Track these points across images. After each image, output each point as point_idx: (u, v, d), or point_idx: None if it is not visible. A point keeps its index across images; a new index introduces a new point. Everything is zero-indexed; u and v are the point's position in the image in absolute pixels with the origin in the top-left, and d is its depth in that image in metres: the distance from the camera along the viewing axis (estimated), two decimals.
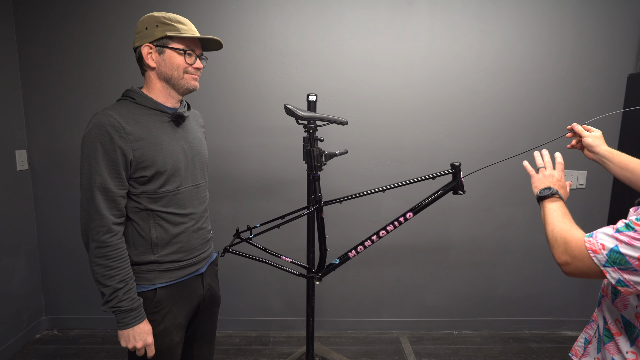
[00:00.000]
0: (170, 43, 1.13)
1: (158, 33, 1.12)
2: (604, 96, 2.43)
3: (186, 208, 1.21)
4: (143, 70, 1.18)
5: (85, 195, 1.07)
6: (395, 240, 2.52)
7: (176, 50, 1.14)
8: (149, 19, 1.13)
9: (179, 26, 1.14)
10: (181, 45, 1.15)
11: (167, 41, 1.13)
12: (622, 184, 1.13)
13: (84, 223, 1.08)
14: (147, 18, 1.14)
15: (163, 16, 1.13)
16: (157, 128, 1.15)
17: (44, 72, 2.34)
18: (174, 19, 1.14)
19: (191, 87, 1.20)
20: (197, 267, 1.27)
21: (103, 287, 1.08)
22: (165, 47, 1.13)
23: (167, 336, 1.19)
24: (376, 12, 2.33)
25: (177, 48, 1.14)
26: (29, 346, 2.39)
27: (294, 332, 2.60)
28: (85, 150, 1.06)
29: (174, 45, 1.14)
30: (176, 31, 1.13)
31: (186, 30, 1.15)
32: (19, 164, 2.34)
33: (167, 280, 1.19)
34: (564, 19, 2.36)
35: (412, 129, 2.44)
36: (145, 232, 1.15)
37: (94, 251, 1.07)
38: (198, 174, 1.27)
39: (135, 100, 1.15)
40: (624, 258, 0.74)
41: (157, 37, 1.12)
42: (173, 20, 1.13)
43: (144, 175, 1.11)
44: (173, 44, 1.14)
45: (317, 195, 1.75)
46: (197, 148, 1.27)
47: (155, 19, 1.12)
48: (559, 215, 0.93)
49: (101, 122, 1.05)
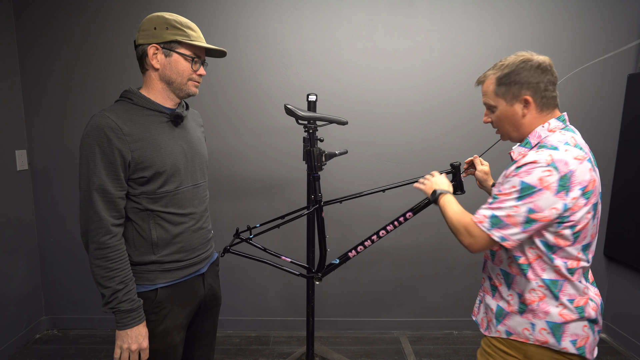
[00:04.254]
0: (178, 48, 1.13)
1: (168, 36, 1.11)
2: (604, 96, 2.43)
3: (186, 208, 1.21)
4: (143, 68, 1.17)
5: (84, 197, 1.07)
6: (395, 240, 2.52)
7: (184, 56, 1.14)
8: (159, 19, 1.12)
9: (189, 32, 1.14)
10: (189, 52, 1.15)
11: (176, 45, 1.13)
12: (622, 184, 1.27)
13: (84, 225, 1.08)
14: (156, 18, 1.12)
15: (174, 19, 1.12)
16: (156, 128, 1.15)
17: (44, 72, 2.34)
18: (185, 24, 1.14)
19: (192, 93, 1.21)
20: (198, 267, 1.27)
21: (103, 288, 1.08)
22: (173, 50, 1.13)
23: (168, 336, 1.19)
24: (376, 12, 2.33)
25: (185, 54, 1.14)
26: (29, 346, 2.39)
27: (294, 332, 2.60)
28: (84, 152, 1.06)
29: (182, 51, 1.14)
30: (186, 37, 1.13)
31: (196, 37, 1.15)
32: (19, 164, 2.34)
33: (168, 280, 1.19)
34: (564, 19, 2.36)
35: (412, 129, 2.44)
36: (146, 233, 1.15)
37: (93, 252, 1.07)
38: (198, 173, 1.27)
39: (133, 101, 1.14)
40: (498, 219, 0.99)
41: (167, 39, 1.11)
42: (184, 25, 1.13)
43: (143, 176, 1.11)
44: (181, 49, 1.14)
45: (317, 195, 1.75)
46: (197, 147, 1.27)
47: (166, 21, 1.12)
48: (450, 206, 1.15)
49: (99, 124, 1.05)
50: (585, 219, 0.98)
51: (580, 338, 1.02)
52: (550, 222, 0.97)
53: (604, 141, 2.46)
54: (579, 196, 0.95)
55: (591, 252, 1.05)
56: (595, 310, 1.04)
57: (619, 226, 2.42)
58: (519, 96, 1.04)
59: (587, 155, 0.99)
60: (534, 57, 1.04)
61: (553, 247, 1.00)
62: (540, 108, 1.04)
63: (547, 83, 1.03)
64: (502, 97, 1.07)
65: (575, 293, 1.02)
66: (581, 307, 1.01)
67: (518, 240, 0.99)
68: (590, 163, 0.99)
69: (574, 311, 1.01)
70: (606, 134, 2.46)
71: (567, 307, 1.01)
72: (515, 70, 1.04)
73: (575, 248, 1.00)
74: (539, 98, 1.03)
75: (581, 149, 0.99)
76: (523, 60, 1.04)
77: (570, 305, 1.01)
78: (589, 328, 1.03)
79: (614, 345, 2.50)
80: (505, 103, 1.07)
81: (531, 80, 1.02)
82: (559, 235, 0.98)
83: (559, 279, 1.01)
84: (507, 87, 1.06)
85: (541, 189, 0.94)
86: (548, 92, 1.03)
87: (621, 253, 2.42)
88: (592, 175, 0.97)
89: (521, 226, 0.97)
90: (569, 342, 1.01)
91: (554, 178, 0.94)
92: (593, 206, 1.00)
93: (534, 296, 1.04)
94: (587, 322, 1.03)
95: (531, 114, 1.05)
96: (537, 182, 0.94)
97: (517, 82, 1.04)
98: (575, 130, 1.07)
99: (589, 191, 0.97)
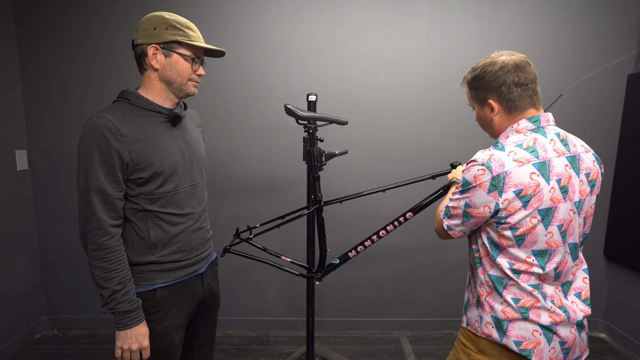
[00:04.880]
0: (178, 48, 1.13)
1: (167, 36, 1.11)
2: (604, 96, 2.43)
3: (184, 208, 1.21)
4: (142, 68, 1.16)
5: (82, 198, 1.07)
6: (395, 240, 2.52)
7: (184, 56, 1.14)
8: (159, 19, 1.12)
9: (188, 32, 1.14)
10: (189, 52, 1.15)
11: (176, 46, 1.13)
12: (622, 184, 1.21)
13: (82, 226, 1.08)
14: (156, 18, 1.12)
15: (174, 19, 1.12)
16: (154, 129, 1.14)
17: (44, 73, 2.34)
18: (185, 24, 1.14)
19: (191, 93, 1.21)
20: (196, 267, 1.27)
21: (102, 289, 1.08)
22: (172, 51, 1.13)
23: (167, 336, 1.19)
24: (376, 12, 2.33)
25: (185, 54, 1.14)
26: (29, 346, 2.39)
27: (294, 332, 2.60)
28: (82, 153, 1.06)
29: (182, 51, 1.14)
30: (186, 37, 1.13)
31: (195, 37, 1.16)
32: (19, 164, 2.34)
33: (167, 280, 1.19)
34: (564, 19, 2.36)
35: (412, 129, 2.44)
36: (144, 233, 1.15)
37: (92, 254, 1.07)
38: (196, 173, 1.27)
39: (130, 102, 1.14)
40: (448, 209, 1.08)
41: (167, 39, 1.11)
42: (183, 26, 1.13)
43: (141, 177, 1.11)
44: (181, 49, 1.14)
45: (317, 195, 1.75)
46: (195, 148, 1.27)
47: (165, 21, 1.11)
48: (447, 196, 1.25)
49: (97, 125, 1.05)
50: (528, 223, 0.96)
51: (527, 341, 1.00)
52: (485, 219, 1.00)
53: (604, 141, 2.46)
54: (512, 198, 0.94)
55: (553, 263, 0.99)
56: (553, 318, 1.00)
57: (618, 226, 2.43)
58: (485, 100, 1.04)
59: (535, 159, 0.95)
60: (498, 59, 1.01)
61: (498, 246, 1.01)
62: (508, 111, 1.02)
63: (512, 85, 0.99)
64: (475, 100, 1.08)
65: (521, 293, 1.00)
66: (526, 308, 1.00)
67: (460, 231, 1.06)
68: (536, 167, 0.94)
69: (517, 310, 1.00)
70: (606, 134, 2.46)
71: (511, 305, 1.01)
72: (479, 74, 1.03)
73: (522, 251, 0.98)
74: (504, 102, 1.01)
75: (533, 152, 0.96)
76: (486, 64, 1.02)
77: (514, 304, 1.00)
78: (542, 335, 1.00)
79: (614, 345, 2.50)
80: (477, 106, 1.08)
81: (493, 84, 1.01)
82: (501, 236, 0.99)
83: (504, 277, 1.02)
84: (475, 91, 1.06)
85: (475, 186, 0.98)
86: (513, 95, 1.00)
87: (621, 253, 2.42)
88: (536, 181, 0.94)
89: (461, 218, 1.04)
90: (512, 341, 1.01)
91: (486, 177, 0.95)
92: (540, 212, 0.95)
93: (483, 290, 1.07)
94: (539, 327, 1.00)
95: (499, 116, 1.04)
96: (472, 179, 0.98)
97: (481, 86, 1.03)
98: (555, 131, 1.02)
99: (528, 195, 0.94)
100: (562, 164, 0.98)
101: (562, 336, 1.02)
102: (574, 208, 0.99)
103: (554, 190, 0.96)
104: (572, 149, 1.02)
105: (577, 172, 1.00)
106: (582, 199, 1.01)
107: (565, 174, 0.98)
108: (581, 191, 1.01)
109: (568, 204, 0.98)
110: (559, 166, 0.97)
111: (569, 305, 1.03)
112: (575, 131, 2.44)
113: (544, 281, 1.02)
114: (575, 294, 1.07)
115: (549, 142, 0.99)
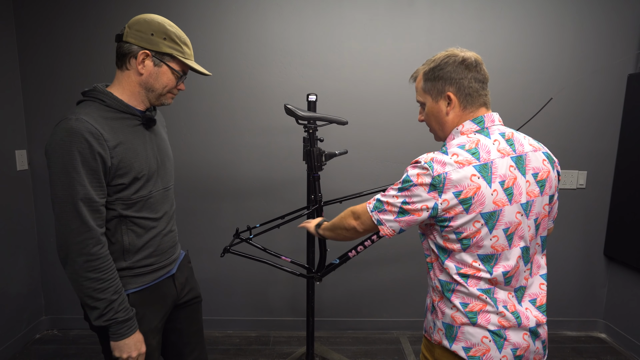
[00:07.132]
0: (170, 61, 1.12)
1: (164, 47, 1.09)
2: (604, 96, 2.43)
3: (158, 212, 1.19)
4: (123, 66, 1.11)
5: (63, 208, 1.00)
6: (396, 240, 2.52)
7: (173, 70, 1.13)
8: (160, 27, 1.09)
9: (184, 49, 1.14)
10: (179, 68, 1.14)
11: (169, 59, 1.12)
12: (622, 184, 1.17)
13: (62, 237, 1.01)
14: (156, 24, 1.09)
15: (175, 33, 1.11)
16: (130, 132, 1.11)
17: (44, 72, 2.34)
18: (183, 40, 1.13)
19: (166, 104, 1.20)
20: (168, 269, 1.25)
21: (96, 301, 1.03)
22: (164, 62, 1.11)
23: (145, 341, 1.16)
24: (376, 12, 2.33)
25: (175, 69, 1.13)
26: (29, 346, 2.39)
27: (294, 332, 2.60)
28: (59, 160, 0.98)
29: (173, 65, 1.13)
30: (181, 54, 1.13)
31: (189, 55, 1.16)
32: (19, 164, 2.34)
33: (139, 285, 1.16)
34: (564, 19, 2.36)
35: (412, 129, 2.44)
36: (116, 239, 1.11)
37: (83, 265, 1.01)
38: (168, 176, 1.25)
39: (105, 103, 1.08)
40: (381, 204, 1.05)
41: (162, 50, 1.09)
42: (181, 41, 1.13)
43: (122, 182, 1.07)
44: (173, 63, 1.13)
45: (317, 195, 1.75)
46: (165, 150, 1.25)
47: (165, 31, 1.10)
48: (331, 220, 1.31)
49: (76, 128, 0.98)
50: (471, 227, 0.95)
51: (476, 347, 0.98)
52: (421, 220, 0.99)
53: (604, 141, 2.46)
54: (452, 199, 0.94)
55: (500, 267, 0.98)
56: (501, 323, 0.98)
57: (618, 226, 2.42)
58: (443, 92, 1.02)
59: (477, 161, 0.94)
60: (460, 53, 1.01)
61: (446, 251, 1.01)
62: (463, 105, 1.01)
63: (472, 80, 1.00)
64: (429, 93, 1.05)
65: (469, 298, 0.99)
66: (474, 312, 0.98)
67: (391, 228, 1.05)
68: (477, 170, 0.93)
69: (465, 315, 0.99)
70: (606, 134, 2.46)
71: (460, 310, 0.99)
72: (440, 65, 1.02)
73: (469, 255, 0.97)
74: (462, 95, 1.01)
75: (475, 154, 0.95)
76: (448, 55, 1.02)
77: (463, 308, 0.99)
78: (492, 341, 0.98)
79: (614, 345, 2.50)
80: (431, 99, 1.06)
81: (454, 76, 1.00)
82: (447, 240, 0.99)
83: (451, 282, 1.01)
84: (432, 82, 1.04)
85: (416, 185, 0.97)
86: (472, 89, 1.00)
87: (621, 253, 2.42)
88: (476, 183, 0.93)
89: (395, 215, 1.02)
90: (460, 347, 0.99)
91: (427, 177, 0.95)
92: (483, 215, 0.94)
93: (435, 296, 1.07)
94: (488, 333, 0.98)
95: (454, 111, 1.02)
96: (414, 178, 0.97)
97: (441, 77, 1.02)
98: (500, 131, 1.01)
99: (468, 198, 0.93)
100: (507, 165, 0.96)
101: (514, 342, 0.99)
102: (521, 210, 0.97)
103: (497, 192, 0.94)
104: (518, 149, 0.99)
105: (523, 172, 0.98)
106: (530, 200, 0.98)
107: (509, 175, 0.96)
108: (529, 192, 0.98)
109: (514, 206, 0.96)
110: (503, 167, 0.96)
111: (522, 311, 1.01)
112: (575, 131, 2.46)
113: (495, 285, 1.00)
114: (530, 300, 1.04)
115: (492, 142, 0.98)
